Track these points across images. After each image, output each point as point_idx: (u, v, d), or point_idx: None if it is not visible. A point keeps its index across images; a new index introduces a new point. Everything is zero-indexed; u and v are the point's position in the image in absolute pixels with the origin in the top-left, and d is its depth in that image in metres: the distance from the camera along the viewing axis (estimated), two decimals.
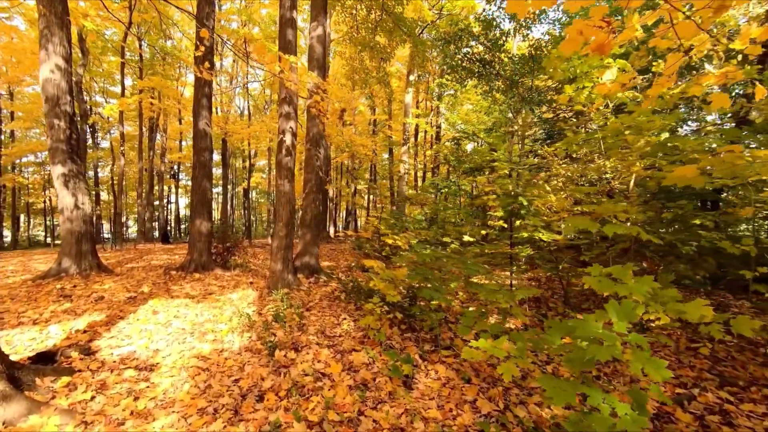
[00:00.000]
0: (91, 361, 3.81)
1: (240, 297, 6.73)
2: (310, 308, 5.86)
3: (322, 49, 8.87)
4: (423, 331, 4.69)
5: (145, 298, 6.58)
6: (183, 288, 7.54)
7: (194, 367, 3.79)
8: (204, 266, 9.44)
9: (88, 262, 8.91)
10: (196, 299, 6.58)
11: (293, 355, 3.99)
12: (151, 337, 4.62)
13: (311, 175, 8.86)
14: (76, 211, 8.70)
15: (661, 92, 3.09)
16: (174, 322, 5.18)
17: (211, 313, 5.65)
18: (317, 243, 8.98)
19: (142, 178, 26.92)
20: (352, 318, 5.34)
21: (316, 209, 8.89)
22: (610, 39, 2.57)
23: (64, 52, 8.64)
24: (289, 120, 7.36)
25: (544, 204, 5.92)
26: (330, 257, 14.32)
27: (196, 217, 9.54)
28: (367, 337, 4.46)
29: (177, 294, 6.97)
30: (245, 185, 27.57)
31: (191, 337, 4.65)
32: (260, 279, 8.75)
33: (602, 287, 2.37)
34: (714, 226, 5.59)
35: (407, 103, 18.68)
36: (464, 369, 3.67)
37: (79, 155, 9.02)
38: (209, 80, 9.79)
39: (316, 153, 8.88)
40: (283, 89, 7.38)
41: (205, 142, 9.70)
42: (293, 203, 7.52)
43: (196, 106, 9.74)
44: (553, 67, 5.26)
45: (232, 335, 4.67)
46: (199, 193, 9.62)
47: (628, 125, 4.10)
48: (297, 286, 7.30)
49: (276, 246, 7.29)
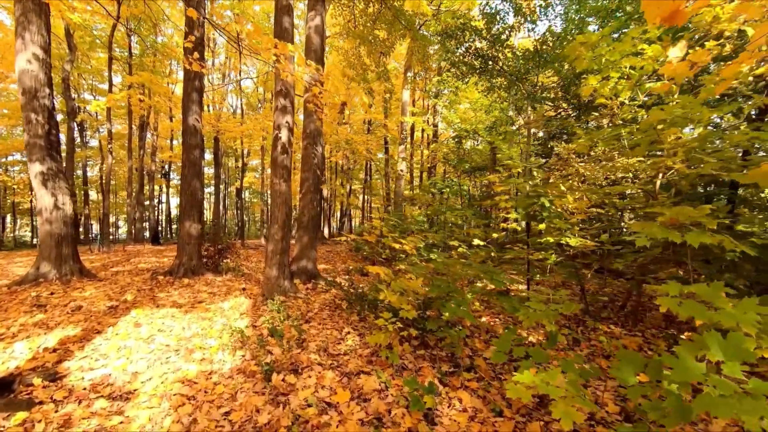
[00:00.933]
0: (56, 390, 3.26)
1: (232, 306, 6.19)
2: (310, 320, 5.34)
3: (320, 40, 8.34)
4: (437, 347, 4.19)
5: (128, 308, 6.02)
6: (170, 295, 6.98)
7: (178, 395, 3.26)
8: (194, 271, 8.87)
9: (68, 267, 8.31)
10: (183, 309, 6.02)
11: (293, 379, 3.46)
12: (131, 356, 4.08)
13: (308, 173, 8.33)
14: (56, 211, 8.11)
15: (735, 73, 2.64)
16: (158, 337, 4.63)
17: (199, 326, 5.10)
18: (315, 246, 8.45)
19: (132, 178, 26.19)
20: (356, 331, 4.83)
21: (313, 210, 8.36)
22: (684, 6, 2.10)
23: (42, 41, 8.05)
24: (285, 114, 6.83)
25: (560, 206, 5.46)
26: (326, 260, 13.79)
27: (186, 219, 8.97)
28: (376, 356, 3.95)
29: (163, 302, 6.41)
30: (238, 185, 26.93)
31: (176, 356, 4.10)
32: (254, 284, 8.20)
33: (686, 311, 1.88)
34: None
35: (405, 101, 18.17)
36: (492, 396, 3.17)
37: (59, 152, 8.43)
38: (200, 73, 9.22)
39: (314, 150, 8.35)
40: (278, 81, 6.84)
41: (195, 139, 9.13)
42: (290, 204, 6.99)
43: (185, 101, 9.16)
44: (576, 56, 4.76)
45: (222, 353, 4.14)
46: (188, 193, 9.05)
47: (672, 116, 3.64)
48: (294, 294, 6.77)
49: (271, 250, 6.75)
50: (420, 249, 6.53)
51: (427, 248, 6.51)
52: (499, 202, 6.20)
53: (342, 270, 11.29)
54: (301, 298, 6.57)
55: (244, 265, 11.80)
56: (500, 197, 6.16)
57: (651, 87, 4.53)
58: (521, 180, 6.18)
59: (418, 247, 6.52)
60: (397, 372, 3.60)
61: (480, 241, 6.27)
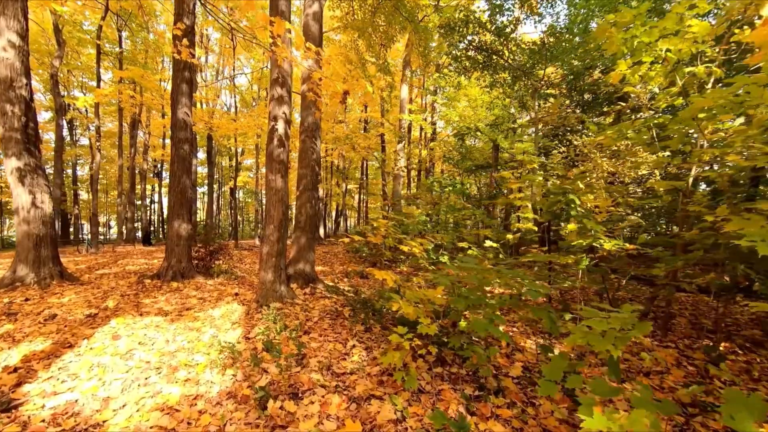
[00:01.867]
0: (6, 423, 2.72)
1: (223, 314, 5.64)
2: (309, 330, 4.80)
3: (318, 27, 7.81)
4: (455, 363, 3.68)
5: (108, 317, 5.46)
6: (156, 301, 6.42)
7: (156, 428, 2.73)
8: (183, 274, 8.31)
9: (48, 270, 7.74)
10: (170, 317, 5.47)
11: (292, 406, 2.94)
12: (104, 375, 3.53)
13: (306, 170, 7.79)
14: (34, 210, 7.54)
15: None
16: (137, 352, 4.08)
17: (186, 338, 4.55)
18: (313, 247, 7.92)
19: (123, 177, 25.50)
20: (362, 344, 4.30)
21: (311, 209, 7.82)
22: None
23: (18, 27, 7.46)
24: (281, 105, 6.29)
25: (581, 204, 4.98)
26: (323, 261, 13.25)
27: (175, 218, 8.40)
28: (387, 374, 3.44)
29: (148, 310, 5.85)
30: (232, 184, 26.33)
31: (157, 375, 3.56)
32: (247, 289, 7.66)
33: None
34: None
35: (403, 98, 17.66)
36: (529, 430, 2.67)
37: (38, 147, 7.84)
38: (190, 63, 8.66)
39: (312, 145, 7.81)
40: (275, 68, 6.31)
41: (185, 133, 8.56)
42: (286, 202, 6.46)
43: (174, 93, 8.60)
44: (606, 37, 4.27)
45: (210, 372, 3.60)
46: (177, 191, 8.48)
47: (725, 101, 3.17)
48: (291, 299, 6.24)
49: (266, 252, 6.21)
50: (428, 251, 6.04)
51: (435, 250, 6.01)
52: (513, 201, 5.70)
53: (340, 272, 10.77)
54: (298, 305, 6.04)
55: (237, 267, 11.24)
56: (515, 195, 5.68)
57: (694, 70, 4.03)
58: (539, 176, 5.69)
59: (427, 249, 6.02)
60: (413, 396, 3.09)
61: (492, 243, 5.77)
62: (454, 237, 6.72)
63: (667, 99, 4.50)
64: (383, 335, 4.54)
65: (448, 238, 6.21)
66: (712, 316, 5.04)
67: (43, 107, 30.30)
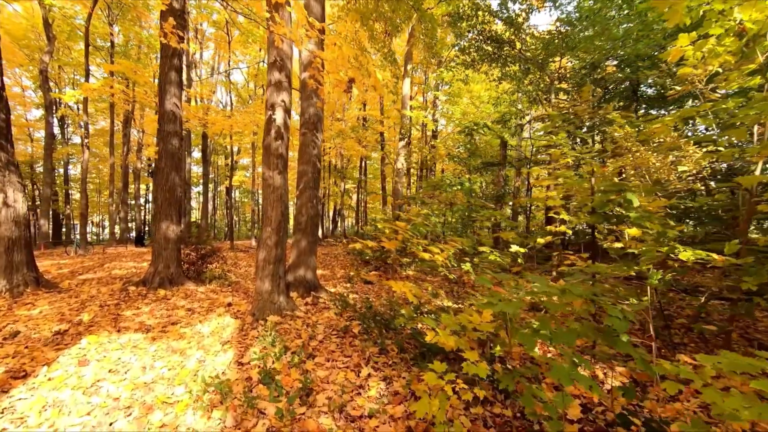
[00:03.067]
0: None
1: (213, 330, 4.90)
2: (314, 352, 4.07)
3: (320, 8, 7.07)
4: (498, 401, 2.97)
5: (80, 333, 4.72)
6: (138, 313, 5.68)
7: None
8: (171, 280, 7.56)
9: (21, 277, 6.99)
10: (151, 334, 4.73)
11: None
12: (58, 420, 2.80)
13: (307, 166, 7.05)
14: (6, 210, 6.80)
15: None
16: (105, 385, 3.34)
17: (167, 363, 3.82)
18: (315, 252, 7.18)
19: (114, 175, 24.68)
20: (379, 372, 3.57)
21: (313, 209, 7.09)
22: None
23: None
24: (280, 91, 5.55)
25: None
26: (323, 263, 12.50)
27: (162, 219, 7.65)
28: (414, 418, 2.72)
29: (127, 325, 5.11)
30: (227, 184, 25.56)
31: (125, 419, 2.83)
32: (242, 297, 6.92)
33: None
34: None
35: (405, 93, 16.93)
36: None
37: (10, 140, 7.08)
38: (179, 49, 7.91)
39: (313, 139, 7.07)
40: (272, 50, 5.57)
41: (173, 126, 7.81)
42: (286, 201, 5.72)
43: (162, 81, 7.84)
44: (670, 4, 3.57)
45: (193, 415, 2.87)
46: (166, 190, 7.73)
47: None
48: (291, 311, 5.50)
49: (263, 258, 5.47)
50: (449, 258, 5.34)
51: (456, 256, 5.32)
52: (544, 200, 5.01)
53: (342, 277, 10.04)
54: (300, 318, 5.31)
55: (232, 271, 10.49)
56: (550, 193, 4.98)
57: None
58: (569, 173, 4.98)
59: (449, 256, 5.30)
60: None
61: (519, 248, 5.06)
62: (474, 241, 6.01)
63: (741, 79, 3.79)
64: (402, 359, 3.82)
65: (468, 242, 5.49)
66: None
67: (33, 105, 29.51)
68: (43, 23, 17.89)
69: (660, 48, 7.89)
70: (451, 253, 5.31)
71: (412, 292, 3.79)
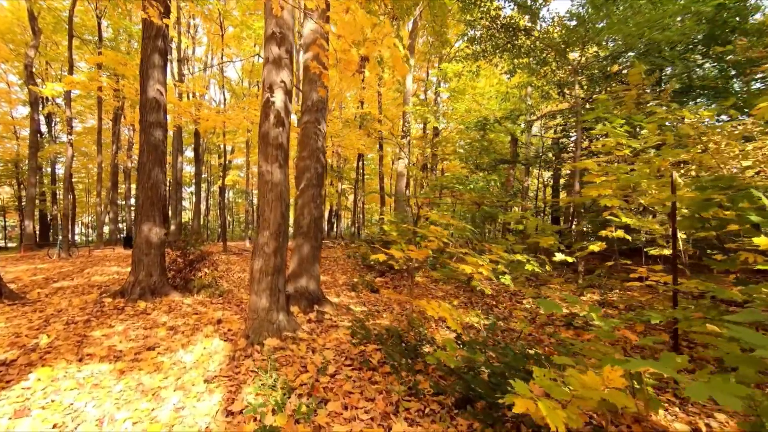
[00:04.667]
0: None
1: (198, 359, 3.98)
2: (327, 394, 3.16)
3: None
4: None
5: (31, 364, 3.79)
6: (110, 334, 4.74)
7: None
8: (154, 290, 6.62)
9: None
10: (120, 365, 3.80)
11: None
12: None
13: (310, 160, 6.15)
14: None
15: None
16: None
17: (133, 414, 2.90)
18: (318, 258, 6.28)
19: (102, 175, 23.60)
20: (415, 428, 2.68)
21: (316, 209, 6.19)
22: None
23: None
24: (280, 69, 4.65)
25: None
26: (323, 268, 11.55)
27: (144, 221, 6.71)
28: None
29: (93, 351, 4.17)
30: (220, 183, 24.59)
31: None
32: (234, 311, 6.00)
33: None
34: None
35: (408, 89, 16.10)
36: None
37: None
38: (162, 30, 6.97)
39: (317, 129, 6.17)
40: (270, 19, 4.66)
41: (157, 116, 6.88)
42: (286, 200, 4.81)
43: (144, 65, 6.91)
44: None
45: None
46: (148, 187, 6.80)
47: None
48: (292, 332, 4.59)
49: (259, 269, 4.56)
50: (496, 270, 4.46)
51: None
52: (600, 200, 4.16)
53: (344, 284, 9.15)
54: (304, 341, 4.40)
55: (224, 277, 9.55)
56: (603, 191, 4.13)
57: None
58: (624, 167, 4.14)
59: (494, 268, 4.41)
60: None
61: (566, 257, 4.20)
62: (508, 246, 5.14)
63: None
64: (440, 404, 2.93)
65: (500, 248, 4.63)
66: None
67: (20, 102, 28.38)
68: (28, 16, 17.24)
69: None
70: (499, 265, 4.43)
71: (453, 316, 2.91)
